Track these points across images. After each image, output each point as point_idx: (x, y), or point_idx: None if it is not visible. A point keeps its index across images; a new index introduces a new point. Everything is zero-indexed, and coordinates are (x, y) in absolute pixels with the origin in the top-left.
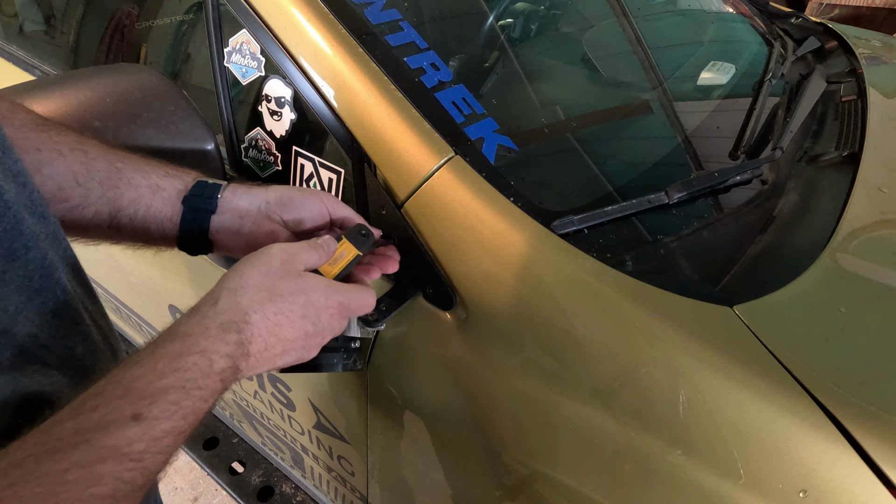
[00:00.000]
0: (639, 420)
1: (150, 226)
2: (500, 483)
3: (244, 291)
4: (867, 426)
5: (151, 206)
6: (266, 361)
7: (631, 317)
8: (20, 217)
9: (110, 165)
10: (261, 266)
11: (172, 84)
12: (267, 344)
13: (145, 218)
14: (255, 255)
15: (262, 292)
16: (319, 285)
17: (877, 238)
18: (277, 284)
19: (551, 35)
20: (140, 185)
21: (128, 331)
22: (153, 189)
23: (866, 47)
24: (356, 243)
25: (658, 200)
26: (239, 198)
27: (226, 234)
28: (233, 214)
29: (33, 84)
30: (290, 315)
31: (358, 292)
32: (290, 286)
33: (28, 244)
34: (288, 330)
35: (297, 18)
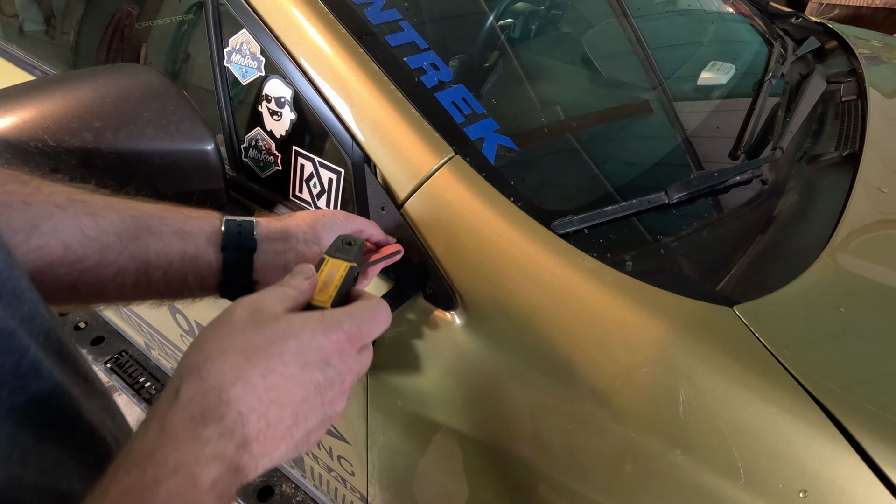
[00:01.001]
0: (639, 420)
1: (186, 276)
2: (500, 483)
3: (209, 364)
4: (867, 426)
5: (186, 255)
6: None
7: (631, 317)
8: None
9: (122, 215)
10: (223, 326)
11: (172, 84)
12: (269, 419)
13: (181, 269)
14: (215, 319)
15: (233, 355)
16: (310, 321)
17: (877, 238)
18: (252, 338)
19: (551, 35)
20: (164, 233)
21: (128, 331)
22: (181, 236)
23: (866, 47)
24: (343, 255)
25: (658, 200)
26: (273, 231)
27: (270, 272)
28: (274, 250)
29: (33, 84)
30: (284, 370)
31: (367, 310)
32: (270, 334)
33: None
34: (289, 390)
35: (297, 18)
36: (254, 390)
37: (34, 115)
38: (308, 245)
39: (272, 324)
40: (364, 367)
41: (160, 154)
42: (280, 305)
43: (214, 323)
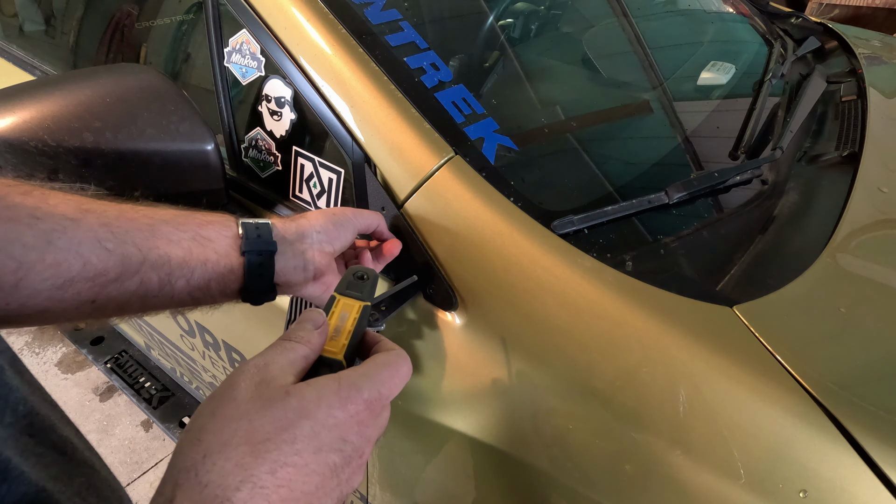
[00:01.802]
0: (639, 420)
1: (210, 283)
2: (500, 483)
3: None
4: (867, 426)
5: (208, 262)
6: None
7: (631, 317)
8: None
9: (137, 223)
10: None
11: (172, 84)
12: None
13: (203, 276)
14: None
15: (237, 451)
16: (324, 394)
17: (877, 238)
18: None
19: (551, 35)
20: (183, 240)
21: (128, 331)
22: (200, 242)
23: (866, 47)
24: (356, 292)
25: (658, 200)
26: (289, 231)
27: (291, 273)
28: (293, 250)
29: (33, 84)
30: (297, 460)
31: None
32: (280, 417)
33: None
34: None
35: (297, 18)
36: (262, 492)
37: (34, 115)
38: (322, 244)
39: (281, 402)
40: (382, 429)
41: (160, 154)
42: (289, 372)
43: (214, 400)
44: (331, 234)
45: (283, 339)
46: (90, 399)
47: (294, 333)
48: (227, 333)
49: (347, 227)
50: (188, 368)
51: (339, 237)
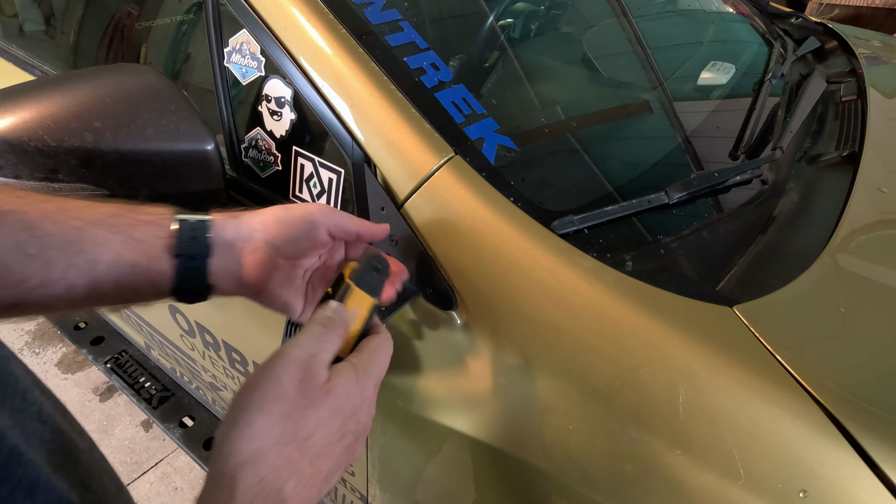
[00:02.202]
0: (639, 420)
1: (139, 287)
2: (500, 482)
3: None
4: (867, 426)
5: (137, 266)
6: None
7: (631, 317)
8: None
9: (64, 225)
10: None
11: (172, 84)
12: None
13: (132, 280)
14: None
15: (288, 448)
16: (350, 387)
17: (877, 238)
18: (304, 424)
19: (551, 35)
20: (112, 243)
21: (128, 331)
22: (131, 245)
23: (866, 47)
24: (370, 287)
25: (658, 200)
26: (230, 232)
27: (222, 277)
28: (227, 253)
29: (33, 84)
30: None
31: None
32: (321, 416)
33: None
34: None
35: (297, 18)
36: (303, 480)
37: (34, 115)
38: (261, 250)
39: (322, 402)
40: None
41: (160, 154)
42: (326, 366)
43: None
44: (276, 239)
45: (322, 326)
46: (90, 399)
47: (329, 323)
48: (227, 333)
49: (303, 230)
50: (188, 368)
51: (288, 242)
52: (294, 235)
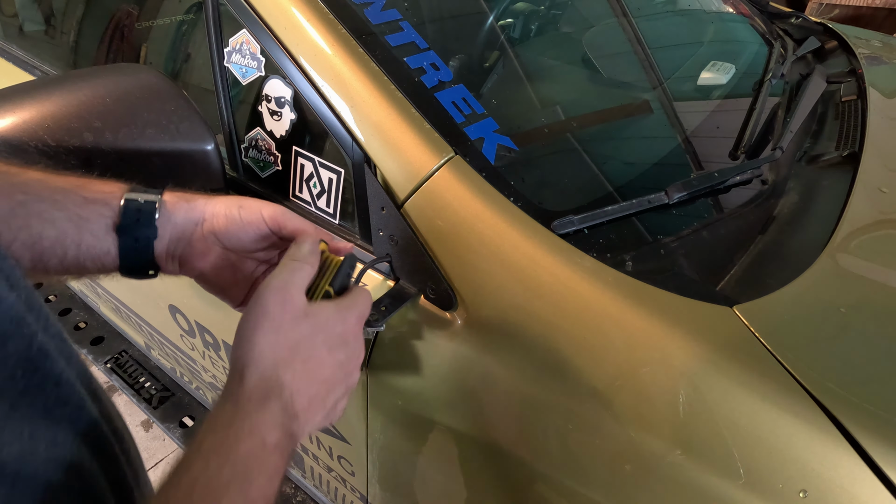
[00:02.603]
0: (639, 420)
1: (84, 263)
2: (500, 483)
3: (263, 358)
4: (867, 426)
5: (82, 244)
6: (317, 410)
7: (631, 317)
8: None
9: (10, 199)
10: (264, 323)
11: (172, 84)
12: (310, 396)
13: (77, 256)
14: (251, 313)
15: (280, 350)
16: (330, 313)
17: (877, 238)
18: (290, 334)
19: (551, 35)
20: (58, 220)
21: (128, 331)
22: (76, 223)
23: (866, 47)
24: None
25: (658, 200)
26: (176, 216)
27: (166, 259)
28: (171, 237)
29: (33, 84)
30: (319, 356)
31: (361, 296)
32: (304, 329)
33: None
34: (323, 371)
35: (297, 18)
36: (297, 374)
37: (34, 115)
38: (210, 242)
39: (303, 320)
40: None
41: (160, 154)
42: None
43: (254, 317)
44: (219, 231)
45: (292, 259)
46: None
47: (298, 253)
48: (227, 333)
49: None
50: (188, 368)
51: (228, 236)
52: (238, 234)
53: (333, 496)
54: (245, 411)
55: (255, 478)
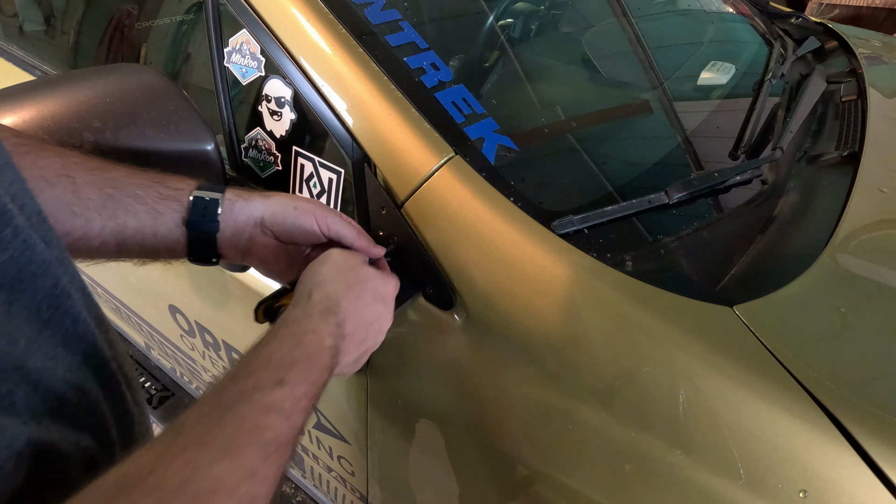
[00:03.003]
0: (639, 420)
1: (160, 249)
2: (500, 483)
3: (327, 284)
4: (867, 426)
5: (157, 234)
6: (355, 345)
7: (631, 317)
8: (31, 243)
9: (101, 192)
10: (330, 265)
11: (172, 84)
12: (354, 326)
13: (154, 244)
14: (322, 259)
15: (339, 283)
16: (376, 274)
17: (877, 238)
18: (348, 276)
19: (551, 35)
20: (140, 213)
21: (128, 331)
22: (153, 216)
23: (866, 47)
24: None
25: (658, 200)
26: (237, 213)
27: (227, 249)
28: (233, 231)
29: (34, 84)
30: (365, 298)
31: (393, 278)
32: (358, 276)
33: (37, 272)
34: (366, 312)
35: (297, 18)
36: (351, 305)
37: (34, 115)
38: (262, 233)
39: (359, 270)
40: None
41: (160, 154)
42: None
43: (321, 259)
44: (276, 226)
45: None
46: None
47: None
48: (227, 333)
49: (301, 228)
50: (188, 368)
51: (283, 230)
52: (292, 232)
53: (333, 496)
54: (310, 315)
55: (314, 365)
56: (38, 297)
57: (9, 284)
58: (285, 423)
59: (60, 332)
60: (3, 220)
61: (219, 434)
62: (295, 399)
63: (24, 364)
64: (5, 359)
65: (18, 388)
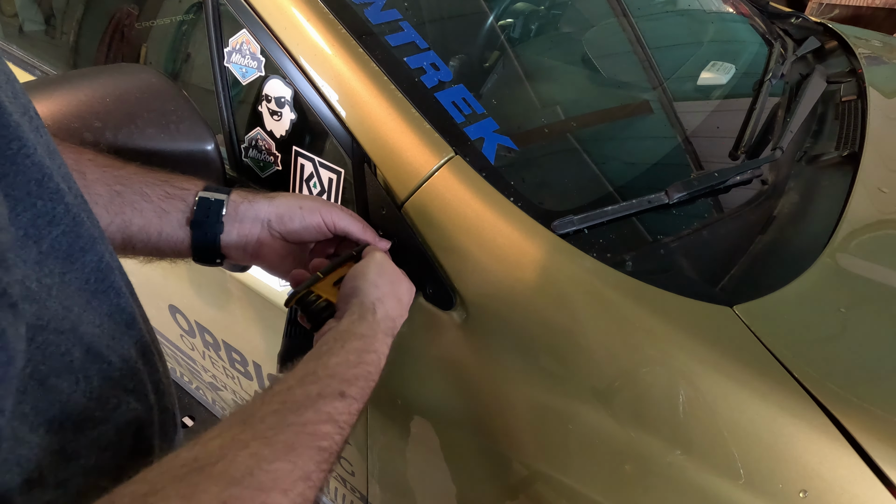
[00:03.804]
0: (639, 420)
1: (163, 248)
2: (500, 483)
3: (386, 302)
4: (867, 426)
5: (162, 232)
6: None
7: (631, 317)
8: (80, 219)
9: (110, 189)
10: (383, 276)
11: (172, 84)
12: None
13: (158, 242)
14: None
15: (393, 300)
16: (405, 278)
17: (877, 238)
18: (396, 288)
19: (551, 35)
20: (145, 210)
21: None
22: (159, 214)
23: (866, 47)
24: None
25: (658, 200)
26: (242, 214)
27: (233, 250)
28: (238, 232)
29: (33, 84)
30: (403, 303)
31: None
32: (402, 287)
33: (85, 247)
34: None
35: (297, 18)
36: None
37: None
38: (270, 234)
39: (399, 277)
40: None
41: (160, 154)
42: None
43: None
44: (283, 226)
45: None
46: None
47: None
48: (227, 333)
49: (307, 227)
50: (188, 368)
51: (291, 230)
52: (300, 231)
53: (333, 496)
54: (375, 335)
55: (370, 381)
56: (86, 269)
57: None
58: (339, 434)
59: (105, 302)
60: (56, 197)
61: (282, 434)
62: (351, 414)
63: (77, 328)
64: (63, 322)
65: (75, 349)
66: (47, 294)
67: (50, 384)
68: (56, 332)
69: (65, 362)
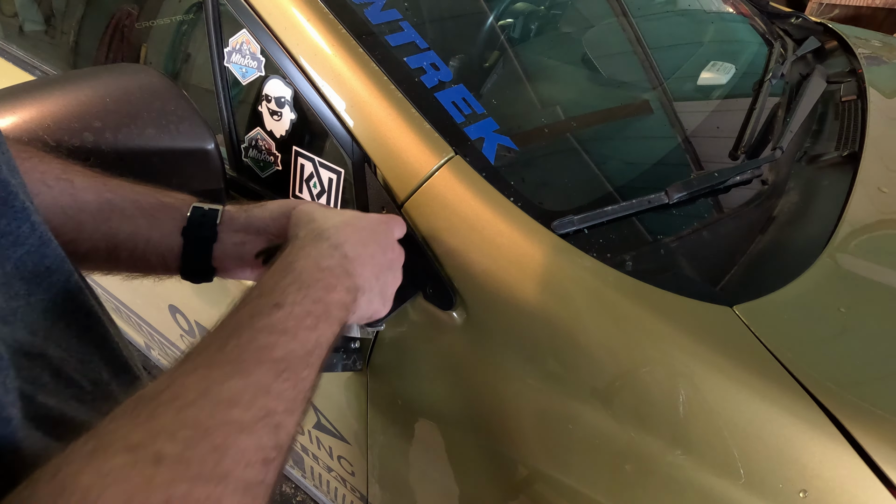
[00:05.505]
0: (639, 420)
1: (150, 259)
2: (500, 482)
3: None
4: (867, 426)
5: (151, 241)
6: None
7: (631, 317)
8: (46, 238)
9: (99, 197)
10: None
11: (172, 84)
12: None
13: (145, 252)
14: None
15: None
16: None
17: (877, 238)
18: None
19: (551, 35)
20: (136, 218)
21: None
22: (149, 221)
23: (866, 47)
24: None
25: (658, 200)
26: (237, 223)
27: (228, 261)
28: (233, 241)
29: (33, 84)
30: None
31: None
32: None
33: (51, 266)
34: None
35: (297, 18)
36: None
37: (34, 115)
38: (269, 241)
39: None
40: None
41: (160, 154)
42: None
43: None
44: (281, 233)
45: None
46: None
47: None
48: None
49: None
50: None
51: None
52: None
53: (333, 496)
54: (301, 247)
55: (311, 285)
56: (53, 290)
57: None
58: (292, 341)
59: (74, 324)
60: (22, 216)
61: (226, 356)
62: (297, 318)
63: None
64: (32, 346)
65: (44, 374)
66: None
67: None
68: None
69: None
